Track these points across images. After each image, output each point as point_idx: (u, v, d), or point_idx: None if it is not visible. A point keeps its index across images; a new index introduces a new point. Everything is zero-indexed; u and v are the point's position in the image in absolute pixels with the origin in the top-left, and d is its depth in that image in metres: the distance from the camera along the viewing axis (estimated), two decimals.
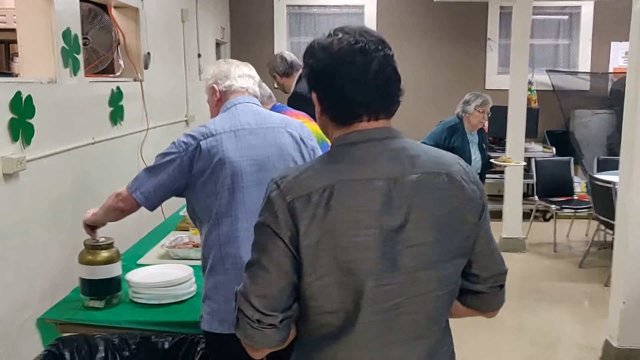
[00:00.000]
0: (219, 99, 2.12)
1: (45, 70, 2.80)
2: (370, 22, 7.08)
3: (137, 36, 3.95)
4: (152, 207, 1.98)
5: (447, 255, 1.24)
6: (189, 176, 1.93)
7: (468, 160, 4.24)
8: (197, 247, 2.70)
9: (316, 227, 1.16)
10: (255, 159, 1.96)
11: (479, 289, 1.34)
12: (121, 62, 3.90)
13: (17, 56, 4.00)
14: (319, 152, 2.12)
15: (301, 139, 2.07)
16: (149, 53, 4.06)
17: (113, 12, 3.81)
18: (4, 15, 3.37)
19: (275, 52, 7.23)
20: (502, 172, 5.68)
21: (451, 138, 4.23)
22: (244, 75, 2.14)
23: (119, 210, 2.01)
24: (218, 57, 6.51)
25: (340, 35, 1.23)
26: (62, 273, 2.89)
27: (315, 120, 3.15)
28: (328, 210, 1.17)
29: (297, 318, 1.27)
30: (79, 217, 3.13)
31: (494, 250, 1.34)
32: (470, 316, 1.40)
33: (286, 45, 7.22)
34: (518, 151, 5.47)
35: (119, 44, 3.88)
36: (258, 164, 1.96)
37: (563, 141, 7.09)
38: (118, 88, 3.57)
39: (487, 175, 4.99)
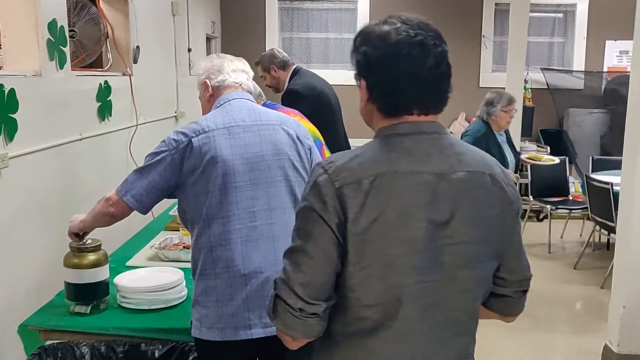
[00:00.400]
0: (211, 95, 2.02)
1: (29, 63, 2.68)
2: (363, 17, 6.99)
3: (126, 29, 3.83)
4: (144, 211, 1.88)
5: (486, 255, 1.24)
6: (180, 175, 1.83)
7: (504, 162, 4.03)
8: (188, 248, 2.59)
9: (365, 215, 1.14)
10: (248, 158, 1.86)
11: (504, 293, 1.34)
12: (109, 56, 3.78)
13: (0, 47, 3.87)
14: (316, 151, 2.03)
15: (297, 137, 1.97)
16: (138, 47, 3.94)
17: (101, 4, 3.68)
18: None
19: (267, 48, 7.15)
20: None
21: (488, 146, 3.89)
22: (237, 70, 2.04)
23: (110, 215, 1.90)
24: (208, 52, 6.39)
25: (398, 25, 1.20)
26: (48, 274, 2.78)
27: (308, 118, 3.04)
28: (378, 200, 1.15)
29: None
30: (66, 216, 3.01)
31: (522, 255, 1.34)
32: (488, 319, 1.38)
33: (278, 40, 7.11)
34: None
35: (107, 37, 3.75)
36: (251, 162, 1.86)
37: (557, 140, 7.04)
38: (106, 82, 3.45)
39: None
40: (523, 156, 4.51)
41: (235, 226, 1.82)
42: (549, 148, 6.80)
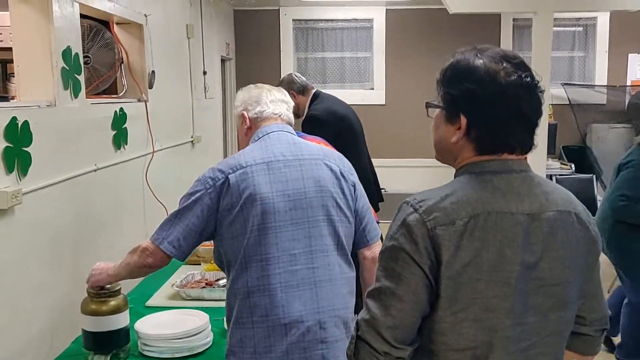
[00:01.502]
0: (249, 127, 1.91)
1: (43, 93, 2.57)
2: (379, 36, 6.89)
3: (141, 54, 3.73)
4: (183, 257, 1.76)
5: (574, 296, 1.23)
6: (217, 215, 1.71)
7: None
8: (211, 285, 2.46)
9: (459, 258, 1.13)
10: (289, 195, 1.73)
11: (585, 332, 1.34)
12: (124, 81, 3.67)
13: (14, 76, 3.78)
14: (360, 188, 1.88)
15: (341, 173, 1.84)
16: (153, 72, 3.84)
17: (115, 28, 3.58)
18: (1, 34, 3.15)
19: (282, 68, 7.07)
20: None
21: None
22: (276, 101, 1.93)
23: (148, 267, 1.78)
24: (223, 74, 6.29)
25: (505, 65, 1.19)
26: (62, 315, 2.64)
27: (330, 144, 2.88)
28: (473, 242, 1.13)
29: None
30: (81, 251, 2.89)
31: (601, 294, 1.35)
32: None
33: (293, 61, 7.01)
34: (540, 169, 5.23)
35: (122, 62, 3.65)
36: (293, 200, 1.73)
37: (580, 157, 6.86)
38: (122, 109, 3.34)
39: None
40: None
41: (274, 270, 1.69)
42: (573, 165, 6.62)
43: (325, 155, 1.86)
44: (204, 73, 5.15)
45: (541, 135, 5.18)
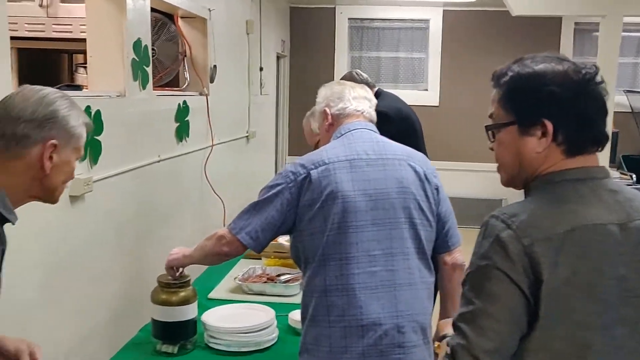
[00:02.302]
0: (331, 124, 1.88)
1: (114, 84, 2.61)
2: (435, 36, 6.80)
3: (205, 48, 3.76)
4: (260, 249, 1.74)
5: None
6: (297, 210, 1.69)
7: None
8: (273, 281, 2.45)
9: (557, 275, 1.08)
10: (371, 195, 1.70)
11: None
12: (186, 75, 3.70)
13: (81, 67, 3.85)
14: (443, 191, 1.84)
15: (425, 175, 1.79)
16: (215, 66, 3.86)
17: (180, 22, 3.62)
18: (70, 25, 3.20)
19: (336, 67, 7.05)
20: None
21: None
22: (359, 98, 1.90)
23: (223, 255, 1.77)
24: (277, 71, 6.30)
25: (564, 64, 1.18)
26: (126, 304, 2.68)
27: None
28: (569, 257, 1.09)
29: None
30: (142, 241, 2.92)
31: None
32: None
33: (347, 59, 6.98)
34: None
35: (185, 56, 3.69)
36: (374, 200, 1.70)
37: None
38: (185, 102, 3.37)
39: None
40: None
41: (353, 270, 1.65)
42: (634, 176, 6.39)
43: (409, 156, 1.82)
44: (261, 69, 5.16)
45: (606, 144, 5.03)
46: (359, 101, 1.89)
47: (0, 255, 1.26)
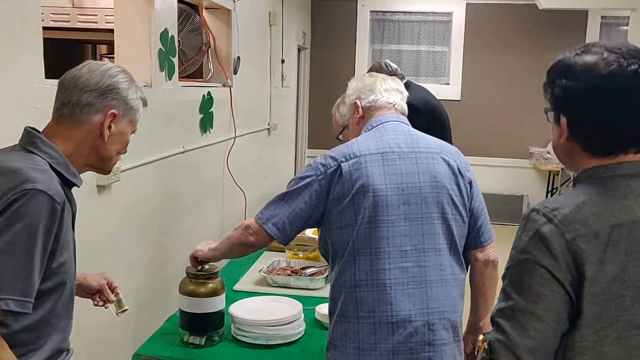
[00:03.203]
0: (362, 116, 1.84)
1: (141, 73, 2.60)
2: (458, 30, 6.72)
3: (229, 39, 3.74)
4: (287, 241, 1.71)
5: None
6: (326, 203, 1.66)
7: None
8: (297, 274, 2.43)
9: (604, 272, 1.04)
10: (403, 189, 1.66)
11: None
12: (210, 66, 3.69)
13: (105, 57, 3.86)
14: (477, 186, 1.80)
15: (458, 169, 1.75)
16: (239, 57, 3.85)
17: (204, 13, 3.61)
18: (96, 15, 3.20)
19: (357, 60, 7.01)
20: None
21: None
22: (390, 90, 1.86)
23: (249, 245, 1.74)
24: (298, 63, 6.28)
25: (605, 55, 1.09)
26: (150, 295, 2.69)
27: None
28: (618, 254, 1.04)
29: None
30: (166, 232, 2.93)
31: None
32: None
33: (368, 52, 6.93)
34: None
35: (209, 47, 3.68)
36: (406, 194, 1.66)
37: None
38: (209, 94, 3.36)
39: None
40: None
41: (384, 265, 1.62)
42: None
43: (442, 149, 1.78)
44: (282, 61, 5.14)
45: None
46: (391, 93, 1.85)
47: (72, 217, 1.36)
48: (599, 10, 6.35)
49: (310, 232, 2.93)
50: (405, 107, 1.88)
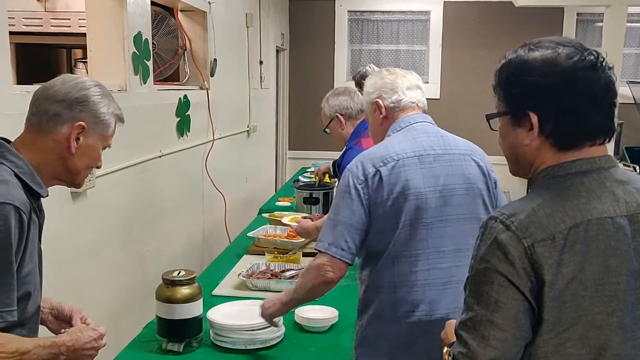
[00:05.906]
0: (385, 117, 1.80)
1: (115, 78, 2.57)
2: (436, 28, 6.74)
3: (205, 42, 3.72)
4: (353, 259, 1.67)
5: None
6: (369, 208, 1.65)
7: None
8: (278, 277, 2.41)
9: (562, 275, 1.02)
10: (440, 191, 1.66)
11: None
12: (187, 69, 3.67)
13: (80, 62, 3.81)
14: (499, 185, 1.81)
15: (487, 171, 1.76)
16: (215, 59, 3.82)
17: (179, 16, 3.58)
18: (69, 19, 3.16)
19: (335, 60, 7.00)
20: None
21: None
22: (412, 87, 1.81)
23: (332, 282, 1.66)
24: (277, 64, 6.26)
25: (560, 49, 1.09)
26: (131, 299, 2.65)
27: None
28: (575, 256, 1.03)
29: None
30: (147, 236, 2.90)
31: None
32: None
33: (347, 52, 6.93)
34: None
35: (185, 49, 3.65)
36: (443, 197, 1.66)
37: None
38: (185, 97, 3.33)
39: None
40: None
41: (423, 266, 1.64)
42: (637, 167, 6.36)
43: (472, 151, 1.77)
44: (261, 63, 5.12)
45: None
46: (413, 91, 1.80)
47: (39, 228, 1.36)
48: (575, 7, 6.40)
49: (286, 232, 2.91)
50: (426, 102, 1.85)
